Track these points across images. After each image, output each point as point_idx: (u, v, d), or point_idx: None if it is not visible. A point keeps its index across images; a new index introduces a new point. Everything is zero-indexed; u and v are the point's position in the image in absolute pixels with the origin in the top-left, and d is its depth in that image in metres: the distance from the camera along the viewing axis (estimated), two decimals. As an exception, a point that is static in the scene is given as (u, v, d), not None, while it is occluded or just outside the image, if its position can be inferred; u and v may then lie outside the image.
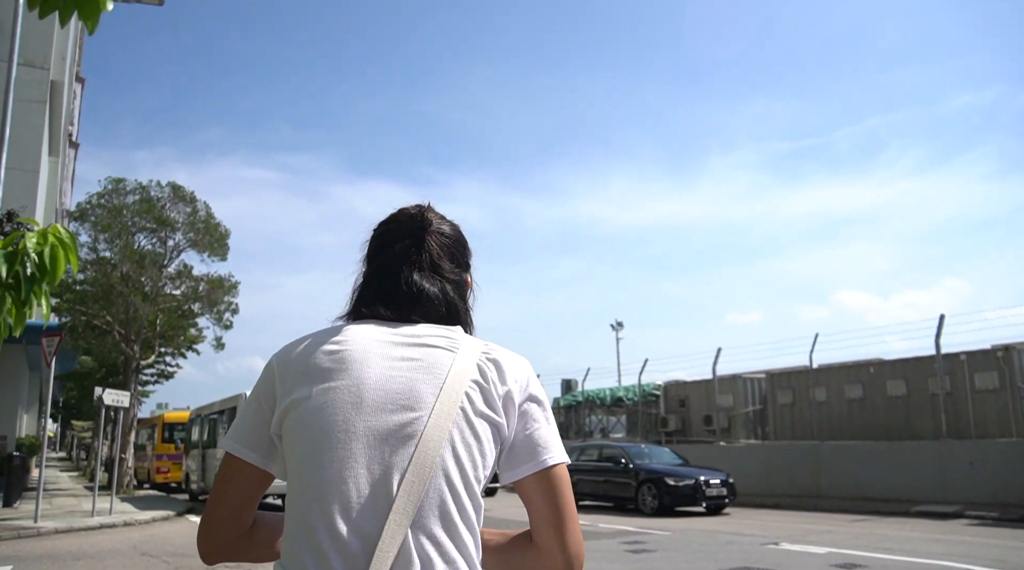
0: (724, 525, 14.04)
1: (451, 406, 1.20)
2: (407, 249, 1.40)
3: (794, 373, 22.18)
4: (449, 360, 1.25)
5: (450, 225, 1.47)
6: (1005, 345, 17.73)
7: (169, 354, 32.87)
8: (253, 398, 1.32)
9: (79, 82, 30.69)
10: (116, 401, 16.60)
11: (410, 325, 1.32)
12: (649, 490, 16.82)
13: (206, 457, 21.37)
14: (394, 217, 1.47)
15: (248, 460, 1.28)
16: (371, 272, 1.42)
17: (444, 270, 1.40)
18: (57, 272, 1.99)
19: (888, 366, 19.96)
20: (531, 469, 1.26)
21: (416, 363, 1.24)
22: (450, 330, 1.33)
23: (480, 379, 1.25)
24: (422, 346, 1.27)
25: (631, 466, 17.54)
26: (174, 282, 26.18)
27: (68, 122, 24.64)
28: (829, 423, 20.59)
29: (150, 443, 30.10)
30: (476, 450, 1.21)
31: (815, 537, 11.87)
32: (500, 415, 1.24)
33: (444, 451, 1.17)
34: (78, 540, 12.75)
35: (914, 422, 18.72)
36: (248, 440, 1.29)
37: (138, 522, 15.35)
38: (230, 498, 1.29)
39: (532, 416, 1.29)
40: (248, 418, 1.30)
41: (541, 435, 1.28)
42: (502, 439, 1.26)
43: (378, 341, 1.27)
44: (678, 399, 25.99)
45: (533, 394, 1.30)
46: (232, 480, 1.29)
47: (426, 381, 1.22)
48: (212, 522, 1.29)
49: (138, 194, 24.97)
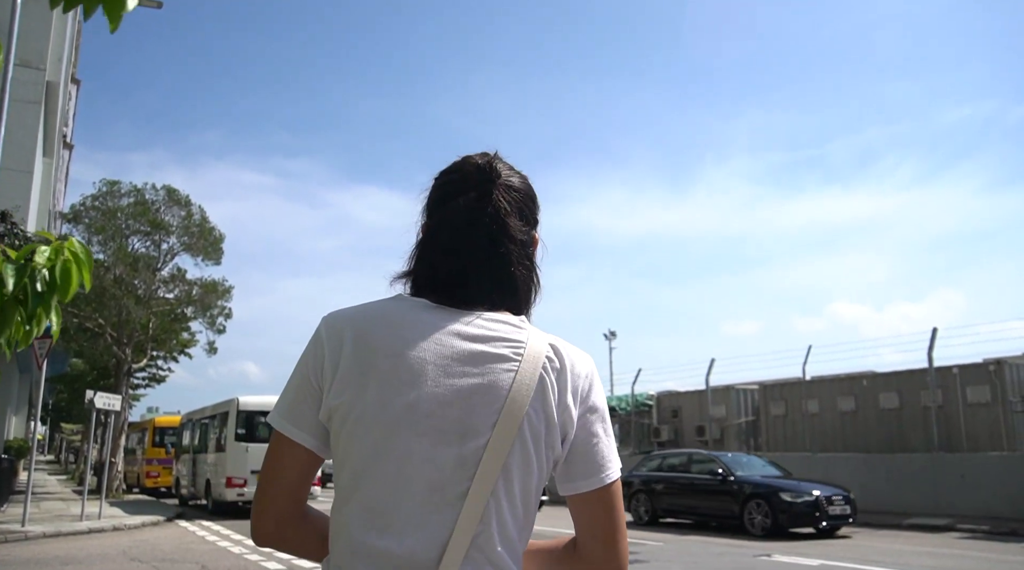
0: (716, 536, 14.00)
1: (510, 432, 1.15)
2: (472, 204, 1.27)
3: (787, 385, 22.20)
4: (511, 376, 1.17)
5: (519, 176, 1.34)
6: (997, 359, 17.78)
7: (161, 358, 32.72)
8: (301, 374, 1.24)
9: (75, 83, 30.59)
10: (108, 404, 16.51)
11: (473, 314, 1.23)
12: (759, 507, 14.29)
13: (197, 462, 21.28)
14: (458, 166, 1.34)
15: (300, 442, 1.22)
16: (431, 227, 1.31)
17: (512, 229, 1.27)
18: (68, 288, 1.96)
19: (881, 379, 19.98)
20: (589, 485, 1.22)
21: (476, 382, 1.17)
22: (516, 327, 1.23)
23: (541, 394, 1.18)
24: (484, 358, 1.18)
25: (731, 478, 15.05)
26: (167, 286, 26.07)
27: (63, 123, 24.53)
28: (822, 435, 20.59)
29: (140, 447, 29.95)
30: (535, 473, 1.18)
31: (807, 549, 11.86)
32: (559, 432, 1.20)
33: (500, 478, 1.14)
34: (66, 545, 12.66)
35: (906, 435, 18.74)
36: (300, 420, 1.22)
37: (128, 527, 15.26)
38: (283, 478, 1.24)
39: (592, 430, 1.23)
40: (298, 395, 1.23)
41: (600, 450, 1.23)
42: (558, 455, 1.21)
43: (437, 344, 1.18)
44: (671, 409, 25.97)
45: (594, 403, 1.25)
46: (284, 460, 1.23)
47: (485, 404, 1.16)
48: (265, 500, 1.24)
49: (133, 197, 24.89)
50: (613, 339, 44.58)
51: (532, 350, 1.20)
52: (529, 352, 1.20)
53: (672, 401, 26.07)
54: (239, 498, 18.00)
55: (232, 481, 17.92)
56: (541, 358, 1.20)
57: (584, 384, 1.24)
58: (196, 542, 13.27)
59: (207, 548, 12.42)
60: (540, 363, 1.19)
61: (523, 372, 1.18)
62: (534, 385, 1.17)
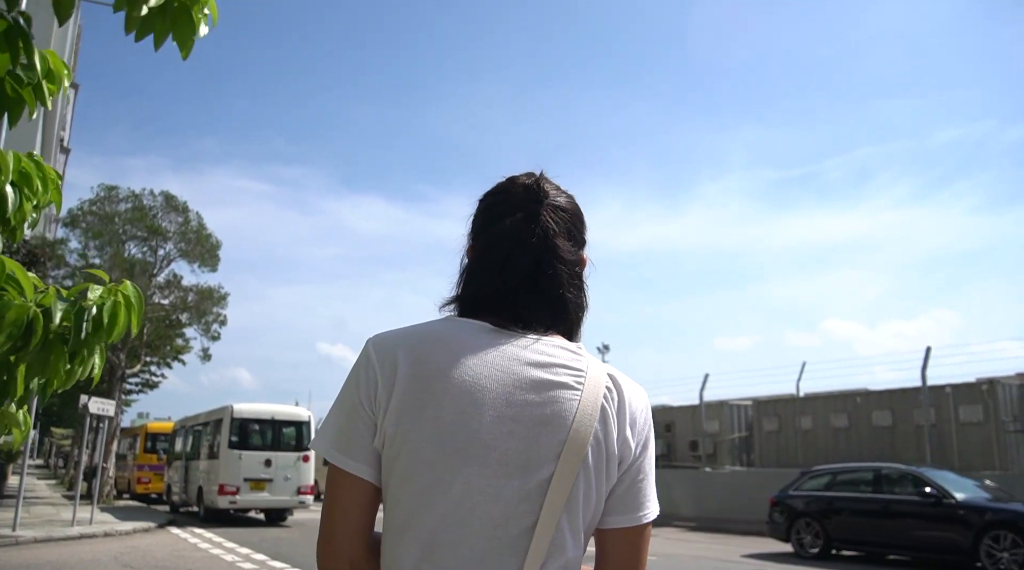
0: (708, 550, 14.00)
1: (574, 465, 1.11)
2: (519, 225, 1.23)
3: (780, 401, 22.25)
4: (573, 406, 1.13)
5: (566, 197, 1.30)
6: (990, 379, 17.88)
7: (155, 363, 32.63)
8: (350, 399, 1.18)
9: (73, 88, 30.61)
10: (101, 410, 16.48)
11: (531, 338, 1.19)
12: (1003, 541, 10.94)
13: (189, 468, 21.18)
14: (504, 187, 1.30)
15: (359, 475, 1.16)
16: (479, 249, 1.27)
17: (561, 250, 1.23)
18: (115, 330, 1.97)
19: (874, 396, 20.06)
20: (627, 522, 1.19)
21: (539, 412, 1.12)
22: (575, 354, 1.20)
23: (602, 425, 1.15)
24: (546, 386, 1.14)
25: (950, 500, 11.74)
26: (163, 291, 26.07)
27: (60, 127, 24.54)
28: (814, 451, 20.61)
29: (131, 453, 29.78)
30: (593, 506, 1.16)
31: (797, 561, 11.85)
32: (615, 464, 1.17)
33: (564, 513, 1.11)
34: (57, 550, 12.60)
35: (899, 453, 18.77)
36: (355, 451, 1.16)
37: (119, 533, 15.18)
38: (348, 515, 1.17)
39: (643, 466, 1.21)
40: (350, 423, 1.17)
41: (643, 488, 1.21)
42: (612, 487, 1.18)
43: (498, 370, 1.14)
44: (664, 424, 25.97)
45: (648, 439, 1.23)
46: (346, 495, 1.16)
47: (549, 435, 1.11)
48: (335, 541, 1.17)
49: (131, 202, 24.93)
50: (606, 352, 44.58)
51: (593, 379, 1.17)
52: (590, 381, 1.17)
53: (665, 416, 26.08)
54: (231, 506, 17.94)
55: (225, 488, 17.84)
56: (602, 388, 1.17)
57: (641, 418, 1.22)
58: (188, 549, 13.21)
59: (200, 555, 12.37)
60: (601, 393, 1.16)
61: (585, 402, 1.14)
62: (596, 416, 1.14)
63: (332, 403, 1.22)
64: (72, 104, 32.01)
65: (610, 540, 1.20)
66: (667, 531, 16.98)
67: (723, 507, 19.48)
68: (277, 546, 13.47)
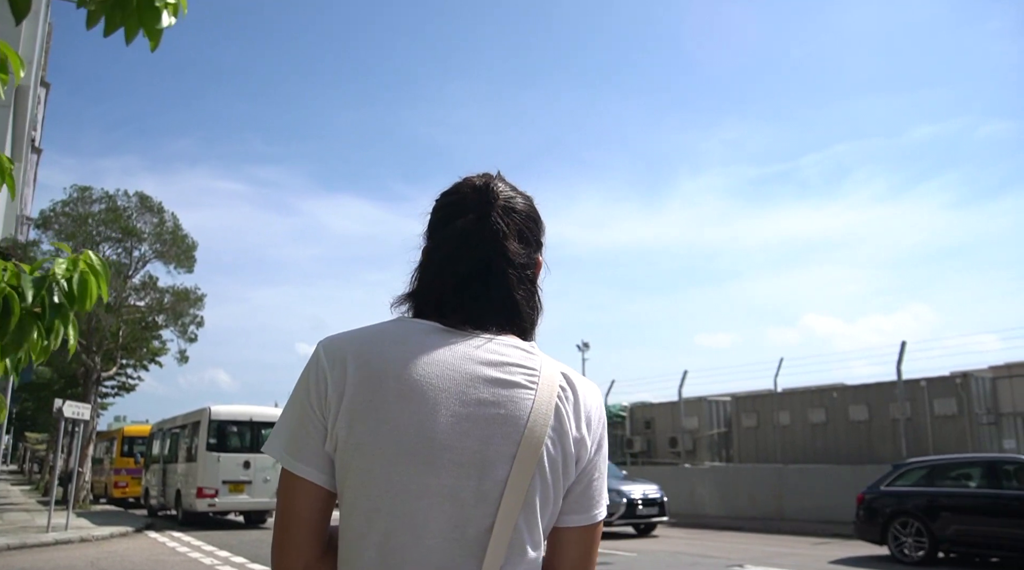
0: (688, 546, 14.09)
1: (530, 464, 1.10)
2: (469, 226, 1.23)
3: (759, 397, 22.44)
4: (528, 405, 1.13)
5: (522, 197, 1.30)
6: (964, 372, 18.14)
7: (131, 366, 32.28)
8: (301, 403, 1.17)
9: (44, 87, 30.19)
10: (76, 414, 16.27)
11: (484, 338, 1.18)
12: None
13: (167, 472, 21.00)
14: (457, 188, 1.30)
15: (309, 478, 1.15)
16: (432, 250, 1.27)
17: (510, 252, 1.23)
18: (86, 299, 1.96)
19: (851, 391, 20.28)
20: (581, 521, 1.20)
21: (493, 411, 1.12)
22: (528, 353, 1.19)
23: (557, 424, 1.14)
24: (499, 383, 1.14)
25: None
26: (139, 293, 25.75)
27: (32, 127, 24.20)
28: (792, 447, 20.82)
29: (108, 457, 29.47)
30: (550, 505, 1.15)
31: (779, 559, 11.97)
32: (572, 463, 1.17)
33: (521, 513, 1.11)
34: (32, 557, 12.43)
35: (875, 446, 19.01)
36: (305, 454, 1.15)
37: (95, 538, 15.00)
38: (300, 518, 1.15)
39: (598, 465, 1.22)
40: (300, 426, 1.16)
41: (598, 487, 1.22)
42: (570, 486, 1.19)
43: (450, 369, 1.13)
44: (644, 421, 26.11)
45: (602, 438, 1.23)
46: (297, 499, 1.16)
47: (504, 435, 1.11)
48: (288, 545, 1.16)
49: (104, 203, 24.61)
50: (586, 350, 44.62)
51: (547, 378, 1.16)
52: (544, 380, 1.16)
53: (645, 412, 26.22)
54: (210, 508, 17.79)
55: (203, 491, 17.70)
56: (556, 387, 1.16)
57: (595, 416, 1.21)
58: (167, 553, 13.09)
59: (178, 559, 12.26)
60: (555, 392, 1.16)
61: (539, 401, 1.14)
62: (551, 415, 1.14)
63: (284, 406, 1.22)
64: (43, 104, 31.60)
65: (564, 538, 1.20)
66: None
67: (707, 503, 19.64)
68: (256, 549, 13.37)
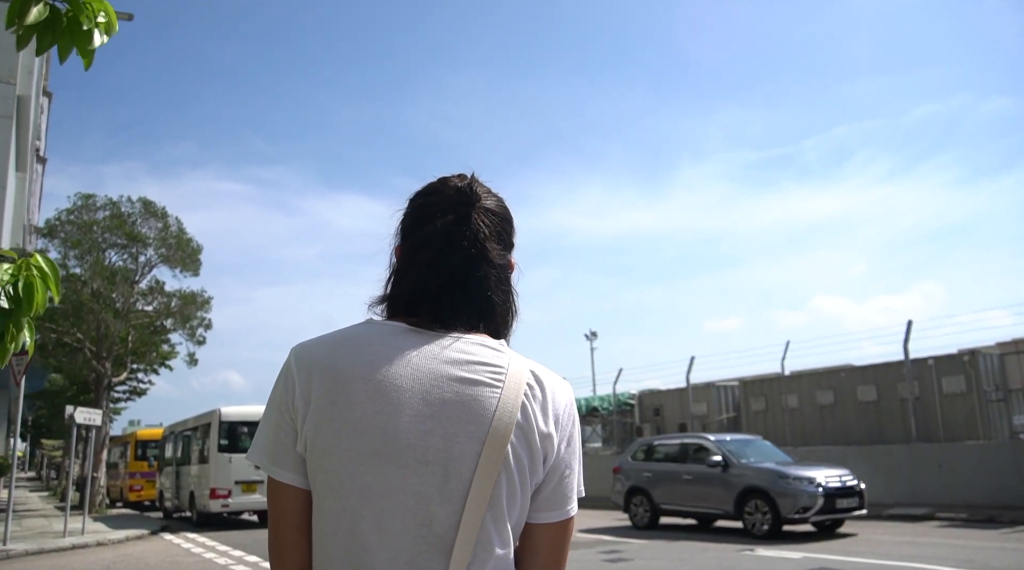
0: (700, 531, 14.14)
1: (495, 463, 1.11)
2: (450, 227, 1.23)
3: (767, 380, 22.41)
4: (493, 403, 1.13)
5: (496, 199, 1.31)
6: (971, 349, 18.05)
7: (141, 371, 32.50)
8: (274, 409, 1.19)
9: (46, 96, 30.24)
10: (88, 419, 16.41)
11: (451, 337, 1.19)
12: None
13: (180, 474, 21.17)
14: (436, 187, 1.29)
15: (290, 483, 1.17)
16: (408, 249, 1.27)
17: (490, 252, 1.24)
18: (34, 304, 2.00)
19: (858, 372, 20.23)
20: (552, 518, 1.21)
21: (457, 410, 1.12)
22: (495, 351, 1.20)
23: (523, 422, 1.14)
24: (464, 382, 1.14)
25: None
26: (146, 298, 25.90)
27: (35, 137, 24.31)
28: (802, 429, 20.81)
29: (122, 461, 29.71)
30: (518, 504, 1.16)
31: (790, 542, 12.02)
32: (540, 461, 1.17)
33: (488, 511, 1.11)
34: (50, 562, 12.58)
35: (884, 427, 18.99)
36: (282, 459, 1.17)
37: (111, 542, 15.16)
38: (288, 522, 1.17)
39: (568, 462, 1.22)
40: (276, 431, 1.18)
41: (570, 483, 1.22)
42: (538, 484, 1.19)
43: (415, 369, 1.14)
44: (652, 408, 26.12)
45: (572, 434, 1.23)
46: (281, 503, 1.18)
47: (468, 434, 1.11)
48: (280, 547, 1.18)
49: (108, 210, 24.73)
50: (594, 339, 44.71)
51: (513, 376, 1.17)
52: (511, 378, 1.16)
53: (654, 399, 26.22)
54: (224, 509, 17.93)
55: (216, 492, 17.84)
56: (523, 385, 1.17)
57: (564, 413, 1.21)
58: (182, 555, 13.22)
59: (193, 560, 12.39)
60: (522, 390, 1.16)
61: (505, 399, 1.14)
62: (517, 413, 1.14)
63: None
64: (47, 113, 31.72)
65: (537, 535, 1.21)
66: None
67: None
68: (270, 547, 13.46)
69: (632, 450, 16.81)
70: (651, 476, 15.34)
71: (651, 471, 15.43)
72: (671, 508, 14.86)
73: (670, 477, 14.98)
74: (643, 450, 16.37)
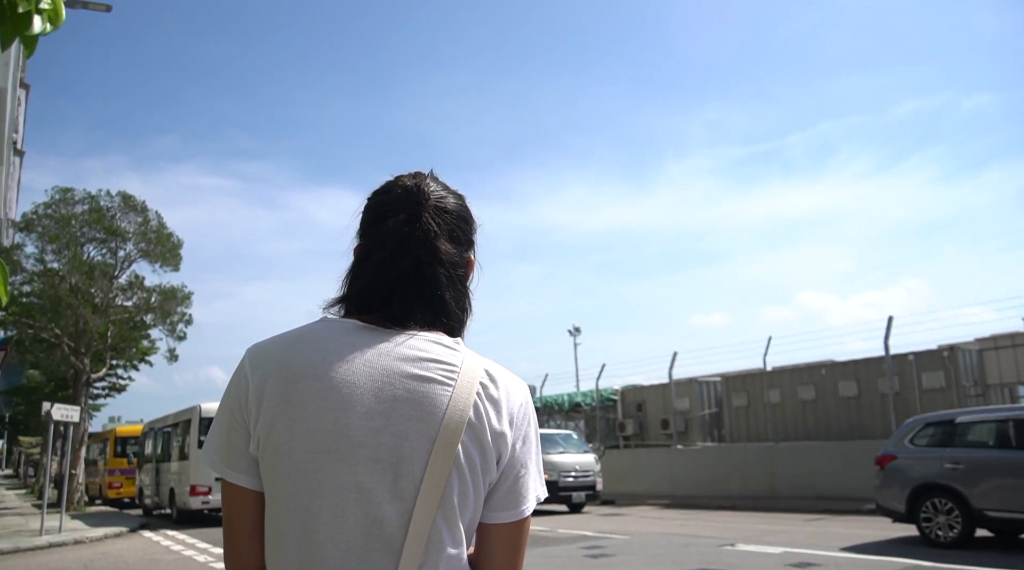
0: (681, 527, 14.18)
1: (446, 461, 1.10)
2: (400, 226, 1.23)
3: (748, 376, 22.52)
4: (444, 401, 1.12)
5: (454, 197, 1.30)
6: (951, 345, 18.23)
7: (121, 367, 32.18)
8: (226, 411, 1.18)
9: (24, 88, 29.94)
10: (65, 416, 16.23)
11: (406, 334, 1.18)
12: None
13: (160, 471, 21.00)
14: (388, 187, 1.29)
15: (242, 485, 1.17)
16: (363, 250, 1.27)
17: (441, 252, 1.23)
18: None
19: (839, 367, 20.37)
20: (508, 518, 1.20)
21: (408, 408, 1.11)
22: (449, 349, 1.19)
23: (475, 420, 1.14)
24: (416, 379, 1.13)
25: None
26: (125, 293, 25.66)
27: (12, 130, 24.00)
28: (783, 425, 20.93)
29: (102, 458, 29.45)
30: (471, 500, 1.15)
31: (770, 537, 12.06)
32: (493, 460, 1.16)
33: (439, 511, 1.10)
34: (25, 561, 12.43)
35: (865, 422, 19.13)
36: (234, 460, 1.17)
37: (89, 540, 15.00)
38: (241, 523, 1.18)
39: (524, 460, 1.21)
40: (228, 432, 1.18)
41: (525, 482, 1.21)
42: (492, 483, 1.18)
43: (368, 367, 1.13)
44: (635, 403, 26.18)
45: (528, 433, 1.22)
46: (234, 504, 1.18)
47: (419, 432, 1.10)
48: (233, 548, 1.18)
49: (87, 204, 24.46)
50: (578, 335, 44.79)
51: (466, 374, 1.16)
52: (463, 376, 1.16)
53: (636, 395, 26.29)
54: (204, 506, 17.81)
55: (196, 489, 17.72)
56: (476, 383, 1.16)
57: (519, 412, 1.20)
58: (161, 552, 13.10)
59: (172, 558, 12.27)
60: (475, 388, 1.15)
61: (457, 398, 1.13)
62: (469, 411, 1.13)
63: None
64: (24, 105, 31.35)
65: (492, 535, 1.20)
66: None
67: (699, 483, 19.76)
68: (251, 544, 13.37)
69: (907, 432, 11.56)
70: (961, 469, 10.27)
71: (962, 461, 10.33)
72: (1002, 516, 9.86)
73: (1002, 468, 10.03)
74: (932, 430, 11.11)
